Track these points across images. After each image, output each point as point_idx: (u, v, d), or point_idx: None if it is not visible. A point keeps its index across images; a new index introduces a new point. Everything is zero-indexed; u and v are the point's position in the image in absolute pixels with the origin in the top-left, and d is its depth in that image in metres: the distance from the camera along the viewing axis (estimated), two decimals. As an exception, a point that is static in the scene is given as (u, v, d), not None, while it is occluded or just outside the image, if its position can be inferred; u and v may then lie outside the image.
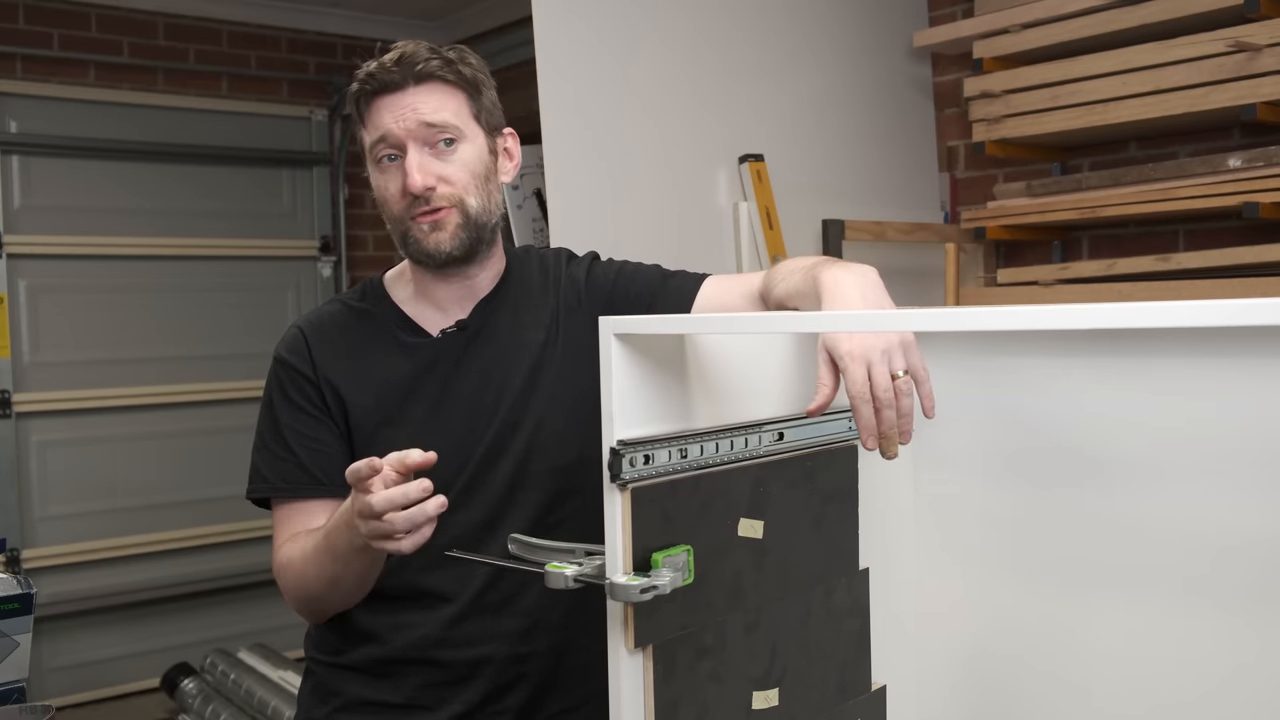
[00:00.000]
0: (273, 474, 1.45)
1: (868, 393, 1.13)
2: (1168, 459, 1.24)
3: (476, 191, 1.41)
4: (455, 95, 1.41)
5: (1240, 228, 2.71)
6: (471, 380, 1.44)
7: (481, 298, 1.48)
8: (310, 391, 1.44)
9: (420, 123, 1.38)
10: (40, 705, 1.40)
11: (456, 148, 1.40)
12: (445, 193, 1.39)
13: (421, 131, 1.38)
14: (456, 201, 1.40)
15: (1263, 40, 2.45)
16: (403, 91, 1.38)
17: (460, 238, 1.41)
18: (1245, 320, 0.76)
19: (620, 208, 2.69)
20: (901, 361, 1.16)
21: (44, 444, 4.08)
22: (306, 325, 1.49)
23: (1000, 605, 1.39)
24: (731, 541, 1.19)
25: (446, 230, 1.40)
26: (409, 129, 1.38)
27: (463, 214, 1.41)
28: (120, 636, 4.18)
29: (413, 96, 1.38)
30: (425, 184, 1.37)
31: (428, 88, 1.39)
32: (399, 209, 1.41)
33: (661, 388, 1.13)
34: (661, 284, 1.50)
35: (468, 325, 1.46)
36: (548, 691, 1.44)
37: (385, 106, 1.39)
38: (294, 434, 1.44)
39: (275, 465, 1.45)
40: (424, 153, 1.39)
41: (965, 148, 3.34)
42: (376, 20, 4.68)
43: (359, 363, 1.45)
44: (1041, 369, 1.34)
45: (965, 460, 1.42)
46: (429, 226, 1.40)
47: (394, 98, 1.38)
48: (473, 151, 1.42)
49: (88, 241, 4.13)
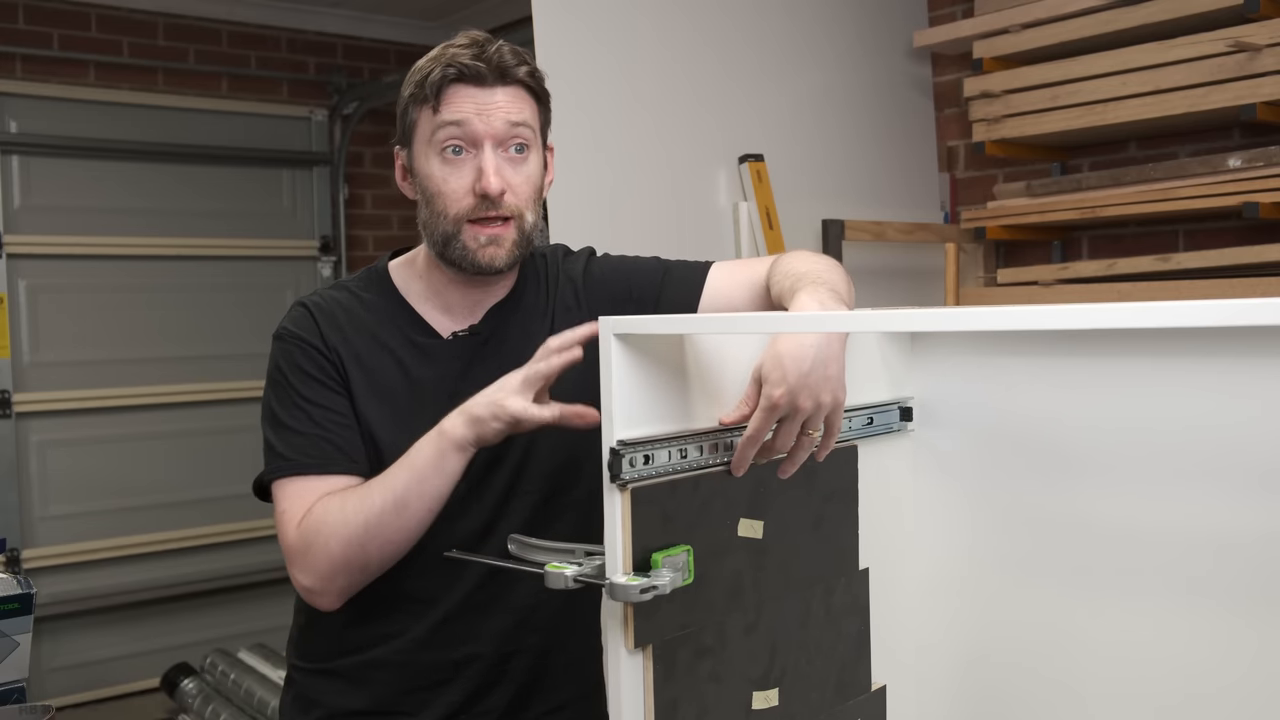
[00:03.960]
0: (294, 451, 1.34)
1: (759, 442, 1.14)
2: (1168, 459, 1.24)
3: (533, 206, 1.39)
4: (532, 103, 1.38)
5: (1240, 228, 2.71)
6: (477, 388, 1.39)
7: (493, 304, 1.45)
8: (324, 364, 1.37)
9: (507, 121, 1.34)
10: (40, 705, 1.40)
11: (528, 157, 1.37)
12: (511, 203, 1.36)
13: (504, 132, 1.34)
14: (518, 213, 1.37)
15: (1263, 40, 2.45)
16: (490, 88, 1.34)
17: (514, 254, 1.38)
18: (1245, 320, 0.76)
19: (620, 208, 2.69)
20: (819, 424, 1.16)
21: (44, 444, 4.08)
22: (312, 304, 1.43)
23: (1000, 605, 1.39)
24: (731, 541, 1.19)
25: (503, 247, 1.36)
26: (494, 127, 1.34)
27: (519, 229, 1.37)
28: (120, 636, 4.18)
29: (500, 95, 1.35)
30: (500, 187, 1.33)
31: (514, 90, 1.36)
32: (459, 207, 1.35)
33: (661, 388, 1.13)
34: (665, 276, 1.47)
35: (480, 330, 1.43)
36: (532, 691, 1.42)
37: (468, 96, 1.34)
38: (316, 408, 1.35)
39: (297, 442, 1.34)
40: (499, 155, 1.35)
41: (965, 148, 3.34)
42: (376, 20, 4.68)
43: (365, 354, 1.40)
44: (1041, 369, 1.34)
45: (965, 460, 1.42)
46: (485, 239, 1.35)
47: (479, 91, 1.34)
48: (537, 164, 1.39)
49: (88, 241, 4.13)
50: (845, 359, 1.17)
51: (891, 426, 1.42)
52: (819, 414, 1.14)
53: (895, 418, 1.43)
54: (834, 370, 1.14)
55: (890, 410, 1.42)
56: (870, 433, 1.38)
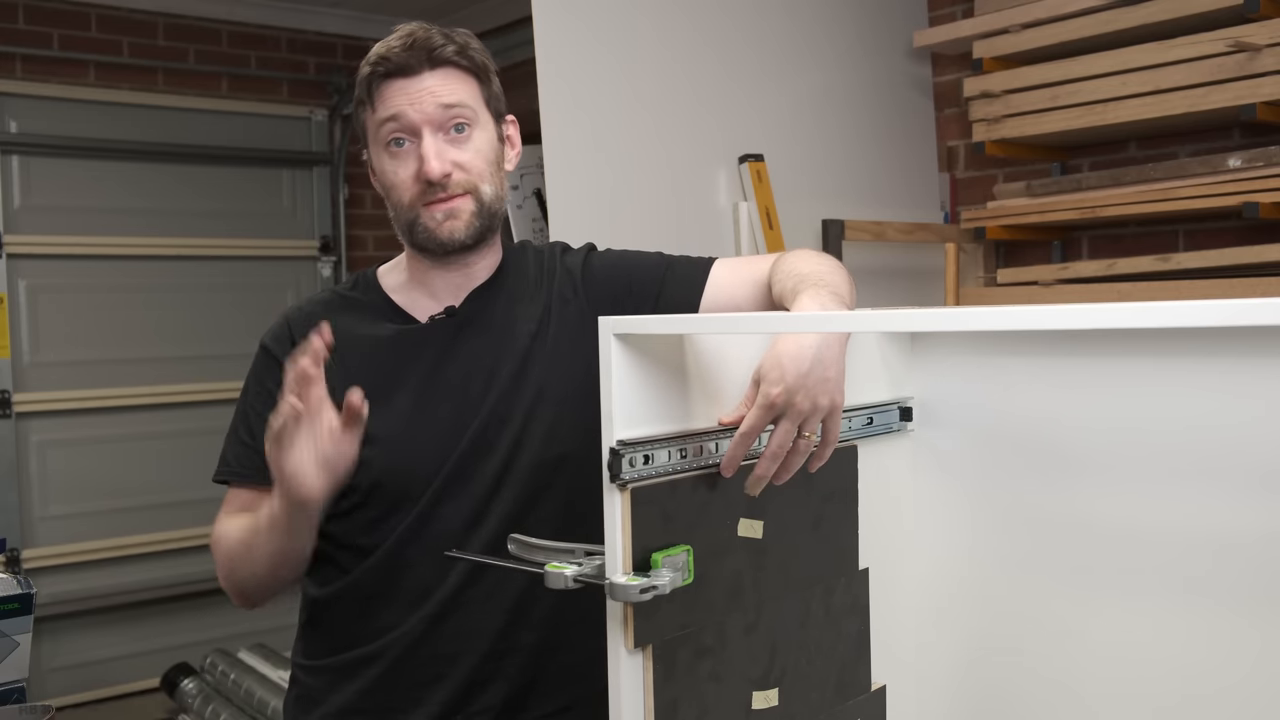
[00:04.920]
0: (234, 459, 1.47)
1: (753, 439, 1.12)
2: (1168, 459, 1.24)
3: (490, 178, 1.41)
4: (468, 81, 1.40)
5: (1240, 228, 2.71)
6: (460, 369, 1.41)
7: (476, 286, 1.46)
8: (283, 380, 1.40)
9: (438, 105, 1.36)
10: (40, 705, 1.40)
11: (471, 133, 1.39)
12: (461, 179, 1.38)
13: (439, 115, 1.37)
14: (472, 188, 1.39)
15: (1263, 40, 2.45)
16: (418, 75, 1.37)
17: (474, 225, 1.40)
18: (1245, 320, 0.76)
19: (620, 208, 2.69)
20: (816, 426, 1.14)
21: (44, 444, 4.08)
22: (293, 315, 1.48)
23: (1000, 605, 1.39)
24: (731, 541, 1.19)
25: (461, 219, 1.39)
26: (426, 113, 1.36)
27: (477, 201, 1.40)
28: (120, 636, 4.18)
29: (429, 80, 1.37)
30: (443, 170, 1.36)
31: (443, 72, 1.38)
32: (410, 195, 1.39)
33: (661, 388, 1.13)
34: (667, 272, 1.47)
35: (458, 312, 1.44)
36: (529, 692, 1.41)
37: (399, 89, 1.37)
38: (260, 421, 1.38)
39: (238, 450, 1.47)
40: (439, 139, 1.37)
41: (965, 148, 3.34)
42: (376, 20, 4.67)
43: (342, 351, 1.40)
44: (1041, 369, 1.34)
45: (965, 460, 1.42)
46: (442, 215, 1.39)
47: (408, 81, 1.37)
48: (485, 137, 1.41)
49: (88, 241, 4.14)
50: (845, 362, 1.17)
51: (891, 426, 1.42)
52: (815, 415, 1.13)
53: (895, 418, 1.43)
54: (833, 373, 1.14)
55: (890, 410, 1.42)
56: (870, 433, 1.38)
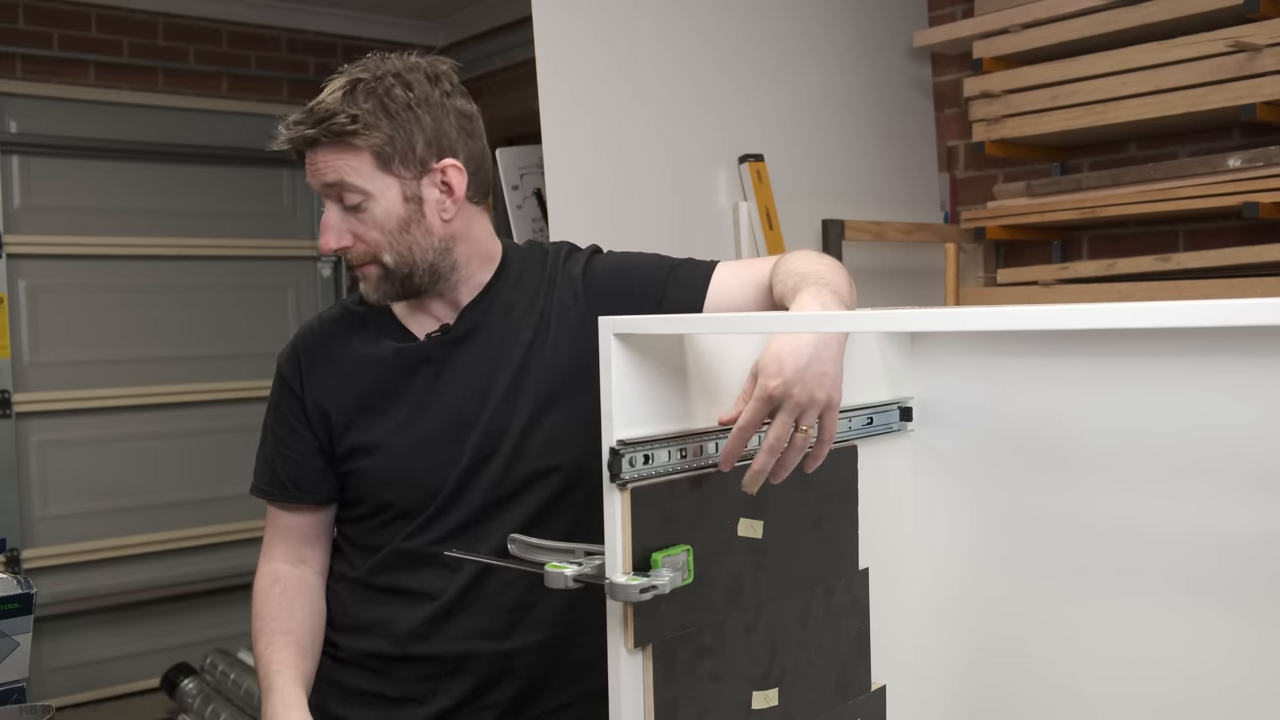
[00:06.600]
0: (259, 475, 1.54)
1: (750, 433, 1.12)
2: (1168, 459, 1.24)
3: (391, 247, 1.39)
4: (354, 155, 1.36)
5: (1240, 228, 2.71)
6: (457, 384, 1.43)
7: (467, 303, 1.47)
8: (295, 405, 1.49)
9: (323, 185, 1.39)
10: (40, 705, 1.40)
11: (363, 205, 1.38)
12: (359, 251, 1.40)
13: (329, 193, 1.39)
14: (371, 258, 1.40)
15: (1263, 40, 2.45)
16: (313, 153, 1.39)
17: (384, 289, 1.42)
18: (1245, 320, 0.76)
19: (620, 208, 2.69)
20: (813, 420, 1.13)
21: (44, 444, 4.08)
22: (302, 337, 1.53)
23: (1000, 605, 1.39)
24: (731, 541, 1.19)
25: (370, 283, 1.42)
26: (319, 187, 1.40)
27: (381, 268, 1.40)
28: (120, 636, 4.18)
29: (319, 158, 1.38)
30: (337, 244, 1.39)
31: (331, 149, 1.37)
32: None
33: (661, 388, 1.13)
34: (670, 275, 1.46)
35: (452, 329, 1.45)
36: (540, 687, 1.43)
37: (309, 161, 1.40)
38: (276, 439, 1.51)
39: (261, 466, 1.54)
40: (337, 210, 1.39)
41: (965, 148, 3.34)
42: (376, 20, 4.68)
43: (346, 370, 1.47)
44: (1041, 369, 1.34)
45: (965, 460, 1.42)
46: (359, 278, 1.43)
47: (310, 155, 1.39)
48: (382, 208, 1.38)
49: (88, 241, 4.13)
50: (844, 361, 1.17)
51: (891, 426, 1.42)
52: (812, 409, 1.13)
53: (895, 418, 1.43)
54: (831, 369, 1.14)
55: (890, 410, 1.42)
56: (870, 433, 1.38)
